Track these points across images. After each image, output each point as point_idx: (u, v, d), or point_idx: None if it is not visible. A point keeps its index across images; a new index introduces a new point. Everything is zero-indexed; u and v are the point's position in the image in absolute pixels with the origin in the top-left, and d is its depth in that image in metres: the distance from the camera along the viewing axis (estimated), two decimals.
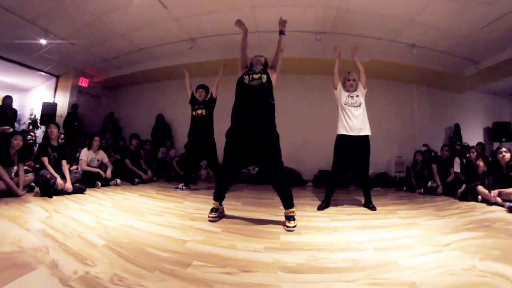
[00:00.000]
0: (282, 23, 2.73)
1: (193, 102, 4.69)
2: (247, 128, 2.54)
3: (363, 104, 3.52)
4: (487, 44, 5.28)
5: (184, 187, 4.60)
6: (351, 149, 3.40)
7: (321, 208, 3.31)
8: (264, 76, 2.63)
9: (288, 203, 2.54)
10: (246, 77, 2.66)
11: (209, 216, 2.61)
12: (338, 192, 4.96)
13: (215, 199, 2.71)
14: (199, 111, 4.57)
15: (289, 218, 2.46)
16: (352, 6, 4.50)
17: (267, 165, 2.58)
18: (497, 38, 5.01)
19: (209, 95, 4.68)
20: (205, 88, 4.73)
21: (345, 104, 3.48)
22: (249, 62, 2.90)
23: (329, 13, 4.72)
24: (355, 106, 3.47)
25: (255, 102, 2.57)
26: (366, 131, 3.45)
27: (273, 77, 2.74)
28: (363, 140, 3.43)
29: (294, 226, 2.38)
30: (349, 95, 3.54)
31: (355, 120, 3.41)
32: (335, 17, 4.81)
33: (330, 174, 3.63)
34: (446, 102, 7.79)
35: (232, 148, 2.60)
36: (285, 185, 2.57)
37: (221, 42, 5.72)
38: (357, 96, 3.54)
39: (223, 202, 2.80)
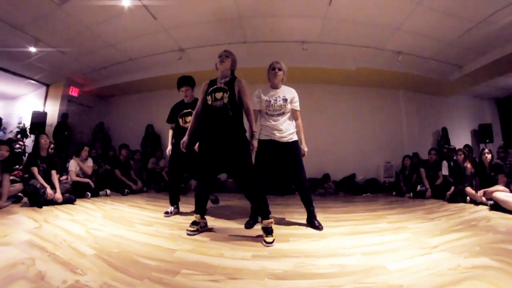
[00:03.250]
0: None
1: (178, 109, 3.55)
2: (215, 143, 2.43)
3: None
4: (468, 49, 5.44)
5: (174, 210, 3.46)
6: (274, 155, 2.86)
7: (249, 225, 2.78)
8: (226, 95, 2.42)
9: (263, 213, 2.37)
10: (209, 97, 2.48)
11: (187, 230, 2.45)
12: (325, 199, 5.01)
13: (195, 212, 2.55)
14: (187, 118, 3.40)
15: (267, 230, 2.30)
16: (338, 16, 4.59)
17: (237, 174, 2.46)
18: (477, 43, 5.18)
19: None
20: (191, 84, 3.55)
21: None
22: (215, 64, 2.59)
23: (316, 23, 4.81)
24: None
25: (219, 123, 2.43)
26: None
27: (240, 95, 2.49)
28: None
29: (272, 241, 2.19)
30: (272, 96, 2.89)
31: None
32: (322, 26, 4.90)
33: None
34: (433, 106, 7.93)
35: (203, 159, 2.49)
36: (256, 194, 2.41)
37: (210, 53, 5.70)
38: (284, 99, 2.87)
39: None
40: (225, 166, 2.50)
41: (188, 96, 3.50)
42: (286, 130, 2.82)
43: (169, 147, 3.59)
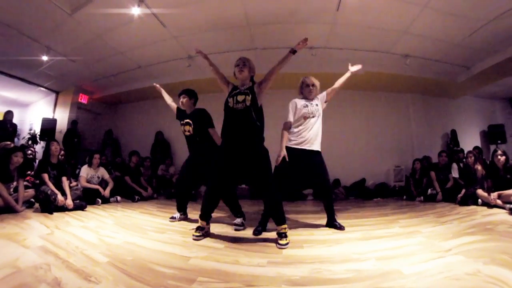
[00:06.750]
0: (303, 43, 2.46)
1: (180, 116, 3.60)
2: (235, 148, 2.51)
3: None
4: (476, 50, 5.40)
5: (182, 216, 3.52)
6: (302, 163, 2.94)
7: (257, 232, 2.77)
8: (249, 98, 2.49)
9: (279, 220, 2.45)
10: (230, 100, 2.56)
11: (193, 235, 2.53)
12: (336, 204, 4.96)
13: (201, 217, 2.60)
14: (186, 127, 3.43)
15: (281, 235, 2.38)
16: (346, 21, 4.61)
17: (258, 182, 2.54)
18: (484, 44, 5.14)
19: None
20: (191, 94, 3.54)
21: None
22: (233, 73, 2.70)
23: (324, 28, 4.84)
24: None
25: (241, 126, 2.51)
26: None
27: (260, 96, 2.58)
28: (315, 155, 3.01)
29: (287, 244, 2.30)
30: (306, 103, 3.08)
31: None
32: (330, 32, 4.92)
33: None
34: (442, 109, 7.85)
35: (222, 165, 2.54)
36: (276, 201, 2.49)
37: (219, 60, 5.69)
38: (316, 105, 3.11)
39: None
40: (243, 174, 2.57)
41: (184, 106, 3.52)
42: (316, 137, 2.99)
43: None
